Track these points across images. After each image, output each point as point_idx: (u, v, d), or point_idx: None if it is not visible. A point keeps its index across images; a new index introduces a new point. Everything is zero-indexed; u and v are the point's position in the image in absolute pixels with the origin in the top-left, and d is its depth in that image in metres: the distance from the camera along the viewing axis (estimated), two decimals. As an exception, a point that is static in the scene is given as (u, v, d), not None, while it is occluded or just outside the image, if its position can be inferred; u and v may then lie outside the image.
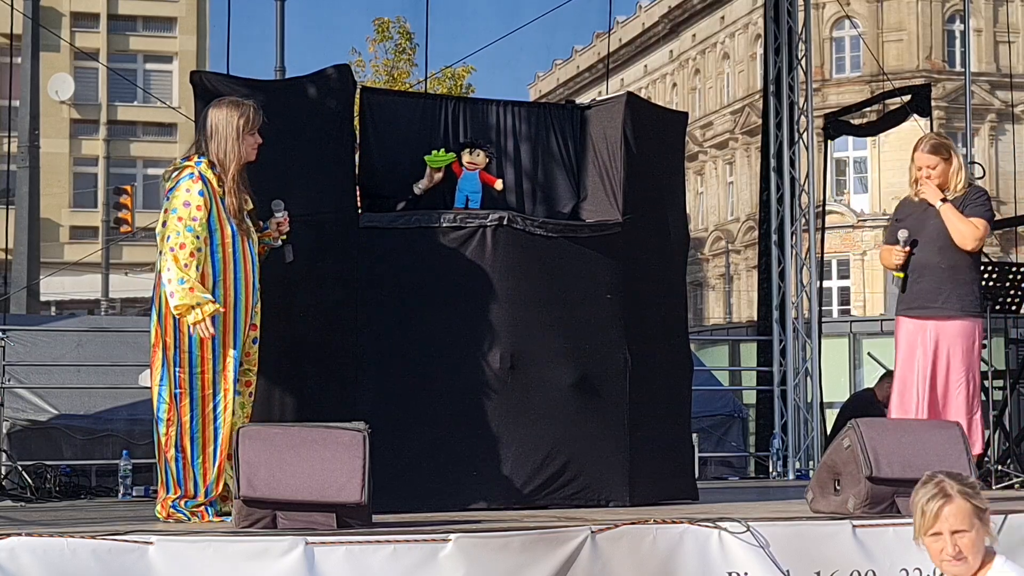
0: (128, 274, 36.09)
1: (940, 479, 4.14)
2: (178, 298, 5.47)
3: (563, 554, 4.97)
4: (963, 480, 4.16)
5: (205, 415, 5.68)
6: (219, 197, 5.67)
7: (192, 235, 5.54)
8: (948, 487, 4.09)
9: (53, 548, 4.56)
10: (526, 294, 6.60)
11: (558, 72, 54.29)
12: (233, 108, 5.77)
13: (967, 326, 6.77)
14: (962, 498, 4.07)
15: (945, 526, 4.04)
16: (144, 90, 36.99)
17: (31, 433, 10.63)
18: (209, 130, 5.75)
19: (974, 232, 6.74)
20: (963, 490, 4.10)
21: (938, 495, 4.08)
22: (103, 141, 37.61)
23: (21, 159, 19.12)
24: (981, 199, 6.85)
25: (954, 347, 6.74)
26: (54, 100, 36.45)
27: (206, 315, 5.50)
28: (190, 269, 5.50)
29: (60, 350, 11.10)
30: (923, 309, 6.80)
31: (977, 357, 6.86)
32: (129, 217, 30.07)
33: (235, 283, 5.71)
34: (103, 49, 38.38)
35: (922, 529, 4.10)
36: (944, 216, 6.75)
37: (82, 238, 36.60)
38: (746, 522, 5.15)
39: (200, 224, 5.57)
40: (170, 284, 5.50)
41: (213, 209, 5.64)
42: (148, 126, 39.93)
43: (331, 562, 4.73)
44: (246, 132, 5.77)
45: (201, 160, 5.67)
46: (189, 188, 5.60)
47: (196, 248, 5.54)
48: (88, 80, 38.76)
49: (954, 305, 6.74)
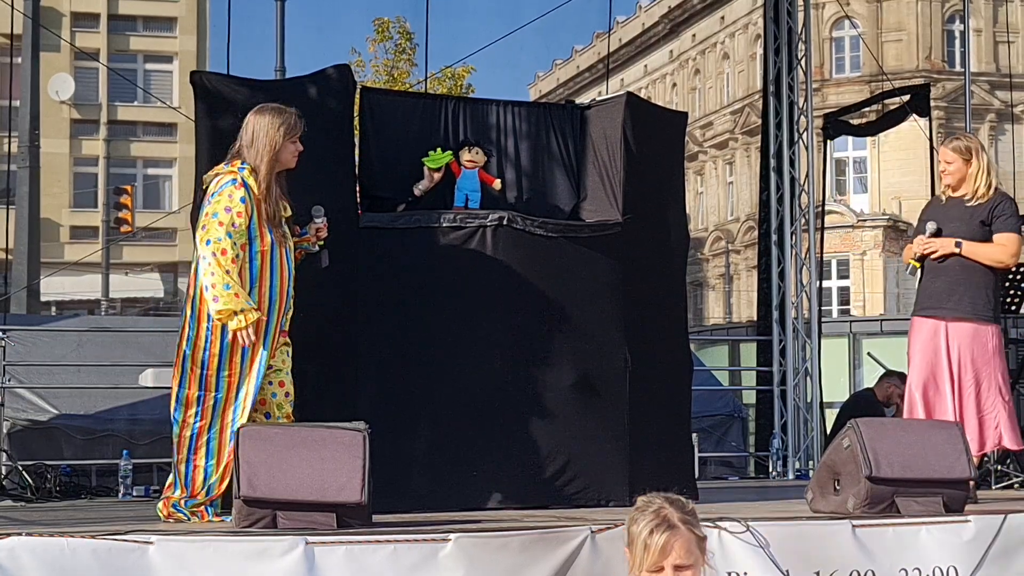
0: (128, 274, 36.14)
1: (659, 506, 3.71)
2: (222, 303, 5.50)
3: (563, 554, 4.98)
4: (683, 507, 3.75)
5: (224, 418, 5.69)
6: (259, 204, 5.67)
7: (232, 241, 5.55)
8: (671, 516, 3.68)
9: (53, 548, 4.56)
10: (526, 294, 6.60)
11: (558, 72, 54.29)
12: (275, 115, 5.77)
13: (979, 329, 6.72)
14: (687, 528, 3.67)
15: (669, 560, 3.61)
16: (144, 90, 36.99)
17: (31, 433, 10.63)
18: (250, 136, 5.75)
19: (1004, 252, 6.68)
20: (686, 519, 3.71)
21: (662, 526, 3.65)
22: (103, 141, 37.62)
23: (21, 159, 19.12)
24: (1008, 208, 6.73)
25: (966, 349, 6.71)
26: (54, 100, 36.45)
27: (249, 322, 5.53)
28: (233, 274, 5.52)
29: (60, 350, 11.10)
30: (936, 309, 6.78)
31: (993, 358, 6.75)
32: (129, 217, 30.08)
33: (270, 290, 5.72)
34: (103, 49, 38.36)
35: (642, 565, 3.64)
36: (970, 255, 6.70)
37: (82, 238, 36.59)
38: (746, 522, 5.15)
39: (240, 231, 5.58)
40: (214, 288, 5.51)
41: (253, 216, 5.65)
42: (148, 126, 39.91)
43: (331, 562, 4.73)
44: (287, 139, 5.77)
45: (244, 166, 5.67)
46: (231, 194, 5.60)
47: (236, 255, 5.56)
48: (88, 80, 38.75)
49: (966, 308, 6.71)
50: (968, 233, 6.72)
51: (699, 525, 3.73)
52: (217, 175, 5.71)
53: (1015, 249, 6.71)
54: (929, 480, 5.64)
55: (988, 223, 6.72)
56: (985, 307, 6.73)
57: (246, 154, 5.70)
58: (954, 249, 6.71)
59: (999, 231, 6.70)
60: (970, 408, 6.72)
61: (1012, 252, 6.71)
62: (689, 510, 3.76)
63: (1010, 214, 6.74)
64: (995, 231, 6.70)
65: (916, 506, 5.58)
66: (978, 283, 6.73)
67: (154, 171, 40.34)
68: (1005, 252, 6.70)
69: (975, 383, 6.71)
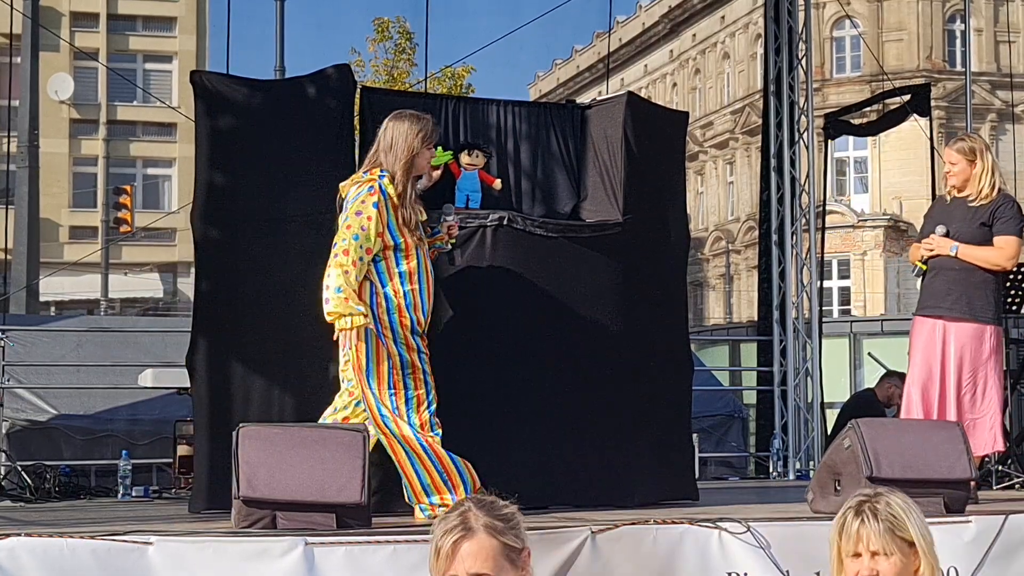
0: (128, 274, 36.14)
1: (466, 508, 3.34)
2: (332, 305, 5.60)
3: (563, 554, 4.97)
4: (495, 511, 3.35)
5: (421, 416, 5.82)
6: (396, 209, 5.76)
7: (357, 244, 5.64)
8: (472, 519, 3.29)
9: (53, 548, 4.56)
10: (526, 294, 6.59)
11: (558, 72, 54.30)
12: (413, 122, 5.88)
13: (976, 329, 6.70)
14: (488, 534, 3.27)
15: (461, 567, 3.24)
16: (144, 90, 37.00)
17: (31, 433, 10.63)
18: (388, 142, 5.84)
19: (1001, 255, 6.68)
20: (492, 524, 3.30)
21: (456, 529, 3.27)
22: (103, 141, 37.59)
23: (21, 159, 19.12)
24: (1009, 211, 6.72)
25: (962, 349, 6.71)
26: (54, 100, 36.45)
27: (355, 326, 5.61)
28: (350, 276, 5.61)
29: (60, 350, 11.10)
30: (935, 308, 6.79)
31: (990, 359, 6.74)
32: (129, 217, 30.07)
33: (420, 292, 5.83)
34: (103, 49, 38.36)
35: (435, 569, 3.28)
36: (966, 259, 6.69)
37: (82, 238, 36.59)
38: (746, 522, 5.15)
39: (367, 235, 5.66)
40: (327, 290, 5.63)
41: (392, 222, 5.75)
42: (148, 126, 39.92)
43: (331, 562, 4.72)
44: (424, 146, 5.88)
45: (384, 174, 5.76)
46: (365, 200, 5.70)
47: (359, 257, 5.65)
48: (88, 80, 38.75)
49: (963, 308, 6.71)
50: (969, 234, 6.72)
51: (513, 532, 3.33)
52: (355, 183, 5.81)
53: (1012, 252, 6.70)
54: (930, 480, 5.64)
55: (989, 224, 6.71)
56: (984, 307, 6.71)
57: (383, 159, 5.80)
58: (950, 252, 6.71)
59: (998, 233, 6.70)
60: (966, 408, 6.71)
61: (1009, 255, 6.70)
62: (504, 514, 3.35)
63: (1010, 216, 6.72)
64: (995, 233, 6.70)
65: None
66: (977, 283, 6.72)
67: (154, 171, 40.35)
68: (1001, 255, 6.70)
69: (972, 383, 6.70)
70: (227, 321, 6.46)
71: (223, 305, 6.48)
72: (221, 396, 6.40)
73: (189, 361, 6.48)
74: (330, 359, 6.42)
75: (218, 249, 6.52)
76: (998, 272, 6.78)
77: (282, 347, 6.40)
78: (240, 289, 6.49)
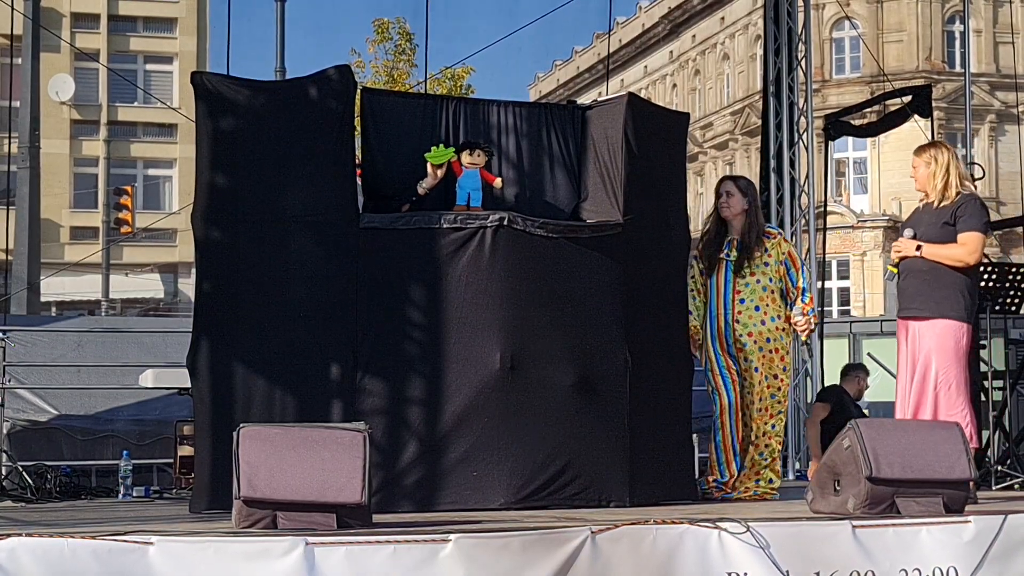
0: (128, 275, 36.13)
1: None
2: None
3: (563, 554, 4.97)
4: None
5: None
6: None
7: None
8: None
9: (53, 548, 4.56)
10: (526, 294, 6.60)
11: (558, 73, 54.29)
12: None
13: (945, 326, 6.73)
14: None
15: None
16: (144, 91, 36.98)
17: (31, 433, 10.62)
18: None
19: (964, 252, 6.73)
20: None
21: None
22: (103, 142, 37.60)
23: (21, 160, 19.11)
24: (971, 208, 6.77)
25: (932, 348, 6.73)
26: (54, 101, 36.44)
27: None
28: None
29: (60, 350, 11.09)
30: (907, 310, 6.89)
31: (959, 358, 6.77)
32: (129, 218, 30.09)
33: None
34: (103, 50, 38.36)
35: None
36: (931, 258, 6.75)
37: (82, 238, 36.58)
38: (746, 522, 5.15)
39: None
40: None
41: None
42: (148, 127, 39.91)
43: (331, 562, 4.73)
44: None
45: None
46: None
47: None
48: (88, 81, 38.74)
49: (931, 307, 6.75)
50: (934, 234, 6.79)
51: None
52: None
53: (973, 247, 6.73)
54: (929, 480, 5.64)
55: (952, 224, 6.76)
56: (952, 305, 6.74)
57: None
58: (915, 253, 6.76)
59: (961, 230, 6.76)
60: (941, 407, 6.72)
61: (971, 250, 6.74)
62: None
63: (971, 214, 6.77)
64: (958, 231, 6.75)
65: (916, 506, 5.58)
66: (946, 282, 6.76)
67: (154, 172, 40.34)
68: (964, 251, 6.74)
69: (945, 382, 6.72)
70: (228, 321, 6.46)
71: (224, 305, 6.49)
72: (222, 396, 6.40)
73: (190, 361, 6.49)
74: (330, 359, 6.44)
75: (219, 250, 6.53)
76: (967, 270, 6.80)
77: (283, 347, 6.41)
78: (241, 289, 6.49)
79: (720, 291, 7.45)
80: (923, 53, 36.37)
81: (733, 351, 7.36)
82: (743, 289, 7.41)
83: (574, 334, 6.69)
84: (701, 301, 7.49)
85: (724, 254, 7.49)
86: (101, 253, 31.18)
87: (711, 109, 42.87)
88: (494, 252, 6.55)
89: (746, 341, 7.35)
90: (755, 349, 7.35)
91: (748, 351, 7.35)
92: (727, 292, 7.42)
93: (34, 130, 19.18)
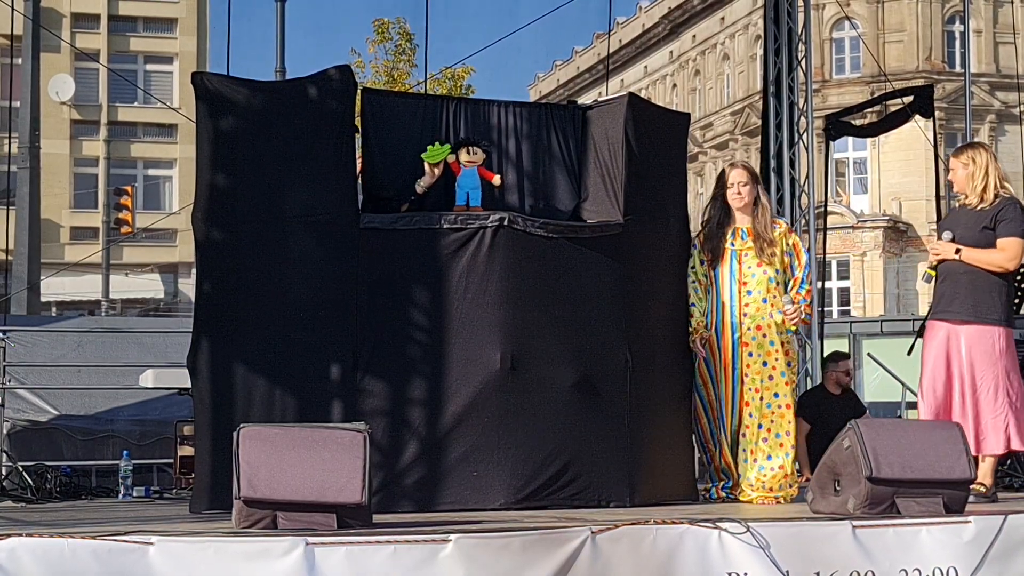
0: (128, 275, 36.13)
1: None
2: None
3: (563, 554, 4.98)
4: None
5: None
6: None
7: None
8: None
9: (53, 548, 4.56)
10: (526, 295, 6.60)
11: (558, 73, 54.29)
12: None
13: (983, 331, 6.70)
14: None
15: None
16: (144, 91, 36.97)
17: (31, 434, 10.62)
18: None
19: (1003, 258, 6.68)
20: None
21: None
22: (103, 142, 37.60)
23: (22, 160, 19.10)
24: (1011, 212, 6.73)
25: (971, 351, 6.70)
26: (55, 101, 36.44)
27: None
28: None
29: (60, 351, 11.10)
30: (944, 312, 6.80)
31: (1000, 360, 6.71)
32: (129, 218, 30.09)
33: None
34: (103, 50, 38.36)
35: None
36: (969, 262, 6.71)
37: (82, 239, 36.58)
38: (746, 522, 5.16)
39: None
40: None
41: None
42: (148, 127, 39.91)
43: (331, 562, 4.73)
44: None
45: None
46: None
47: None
48: (88, 81, 38.74)
49: (969, 311, 6.71)
50: (973, 238, 6.75)
51: None
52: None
53: (1014, 253, 6.71)
54: (929, 481, 5.64)
55: (992, 227, 6.73)
56: (990, 309, 6.72)
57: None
58: (954, 256, 6.73)
59: (1000, 235, 6.71)
60: (980, 410, 6.70)
61: (1011, 256, 6.71)
62: None
63: (1011, 218, 6.73)
64: (997, 235, 6.72)
65: (916, 507, 5.58)
66: (983, 286, 6.73)
67: (154, 172, 40.33)
68: (1004, 257, 6.71)
69: (983, 386, 6.70)
70: (228, 322, 6.46)
71: (224, 306, 6.49)
72: (222, 396, 6.40)
73: (190, 361, 6.49)
74: (330, 359, 6.44)
75: (219, 250, 6.53)
76: (1005, 274, 6.79)
77: (283, 347, 6.41)
78: (241, 290, 6.49)
79: (725, 282, 7.18)
80: (923, 53, 36.37)
81: (738, 347, 7.13)
82: (750, 280, 7.13)
83: (574, 334, 6.69)
84: (704, 291, 7.19)
85: (729, 243, 7.21)
86: (101, 253, 31.17)
87: (711, 109, 42.87)
88: (494, 252, 6.55)
89: (755, 335, 7.08)
90: (765, 343, 7.13)
91: (755, 344, 7.11)
92: (732, 283, 7.16)
93: (34, 130, 19.18)
